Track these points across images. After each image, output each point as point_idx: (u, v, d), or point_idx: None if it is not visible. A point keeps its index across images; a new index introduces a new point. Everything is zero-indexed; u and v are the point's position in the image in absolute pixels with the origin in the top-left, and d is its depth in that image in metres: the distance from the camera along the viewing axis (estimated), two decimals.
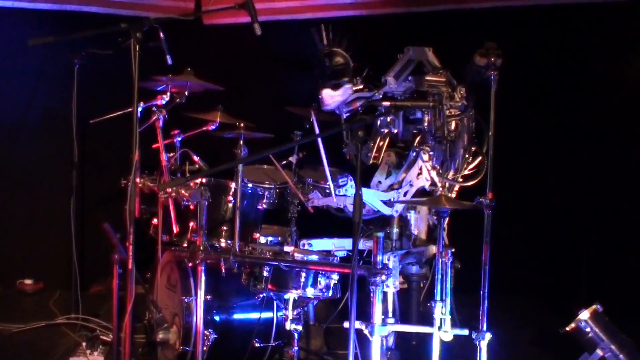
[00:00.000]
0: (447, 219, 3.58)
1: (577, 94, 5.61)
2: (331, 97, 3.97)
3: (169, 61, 3.56)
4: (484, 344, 3.36)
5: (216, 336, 3.79)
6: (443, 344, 3.40)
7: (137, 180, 3.40)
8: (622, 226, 5.44)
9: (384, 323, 3.44)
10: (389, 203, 4.01)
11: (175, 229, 4.10)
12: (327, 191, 4.01)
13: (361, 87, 4.00)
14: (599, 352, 4.04)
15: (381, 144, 4.29)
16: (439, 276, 3.41)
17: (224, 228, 4.06)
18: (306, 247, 4.00)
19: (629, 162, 5.46)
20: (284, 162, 4.42)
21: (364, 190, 3.55)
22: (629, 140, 5.40)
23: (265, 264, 3.65)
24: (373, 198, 3.99)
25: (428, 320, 3.45)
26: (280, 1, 5.67)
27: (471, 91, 3.89)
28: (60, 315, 4.97)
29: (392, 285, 3.80)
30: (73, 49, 5.06)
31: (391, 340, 3.94)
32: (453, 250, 3.47)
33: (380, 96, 4.03)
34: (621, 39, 5.39)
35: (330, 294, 3.65)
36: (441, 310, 3.39)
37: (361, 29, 5.37)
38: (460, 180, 3.93)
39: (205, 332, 3.71)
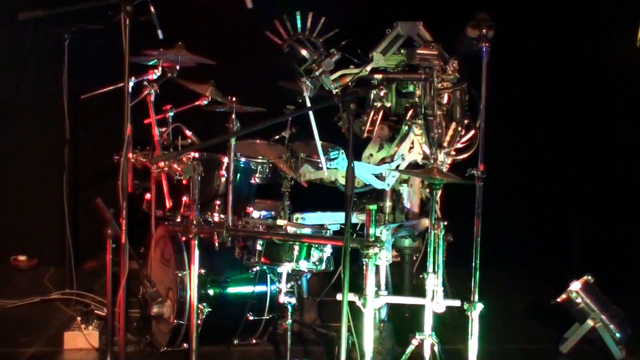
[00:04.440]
0: (439, 192, 3.59)
1: (569, 65, 5.60)
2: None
3: (160, 35, 3.54)
4: (475, 315, 3.39)
5: (210, 310, 3.81)
6: (435, 316, 3.43)
7: (130, 155, 3.39)
8: (614, 198, 5.47)
9: (377, 295, 3.45)
10: (380, 177, 4.02)
11: (168, 204, 4.09)
12: (320, 165, 4.00)
13: (338, 56, 3.95)
14: (590, 322, 4.08)
15: (375, 117, 4.28)
16: (432, 249, 3.43)
17: (217, 202, 4.06)
18: (299, 221, 4.01)
19: (622, 134, 5.47)
20: (277, 136, 4.42)
21: (356, 163, 3.54)
22: (622, 113, 5.41)
23: (259, 237, 3.66)
24: (364, 172, 3.99)
25: (421, 292, 3.47)
26: None
27: (464, 64, 3.88)
28: (55, 291, 4.97)
29: (384, 257, 3.83)
30: (63, 23, 5.01)
31: (384, 312, 3.96)
32: (445, 223, 3.48)
33: (367, 72, 4.01)
34: (615, 9, 5.37)
35: (323, 267, 3.67)
36: (433, 282, 3.41)
37: (351, 3, 5.33)
38: (453, 153, 3.93)
39: (199, 305, 3.72)
